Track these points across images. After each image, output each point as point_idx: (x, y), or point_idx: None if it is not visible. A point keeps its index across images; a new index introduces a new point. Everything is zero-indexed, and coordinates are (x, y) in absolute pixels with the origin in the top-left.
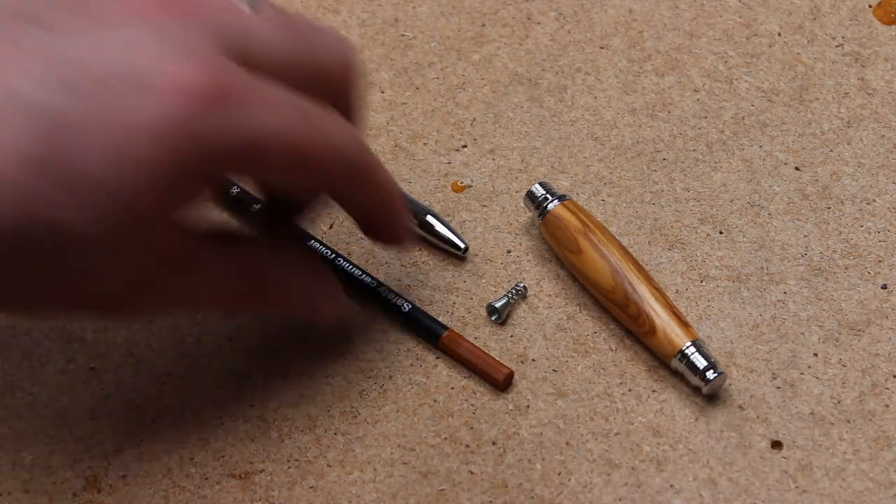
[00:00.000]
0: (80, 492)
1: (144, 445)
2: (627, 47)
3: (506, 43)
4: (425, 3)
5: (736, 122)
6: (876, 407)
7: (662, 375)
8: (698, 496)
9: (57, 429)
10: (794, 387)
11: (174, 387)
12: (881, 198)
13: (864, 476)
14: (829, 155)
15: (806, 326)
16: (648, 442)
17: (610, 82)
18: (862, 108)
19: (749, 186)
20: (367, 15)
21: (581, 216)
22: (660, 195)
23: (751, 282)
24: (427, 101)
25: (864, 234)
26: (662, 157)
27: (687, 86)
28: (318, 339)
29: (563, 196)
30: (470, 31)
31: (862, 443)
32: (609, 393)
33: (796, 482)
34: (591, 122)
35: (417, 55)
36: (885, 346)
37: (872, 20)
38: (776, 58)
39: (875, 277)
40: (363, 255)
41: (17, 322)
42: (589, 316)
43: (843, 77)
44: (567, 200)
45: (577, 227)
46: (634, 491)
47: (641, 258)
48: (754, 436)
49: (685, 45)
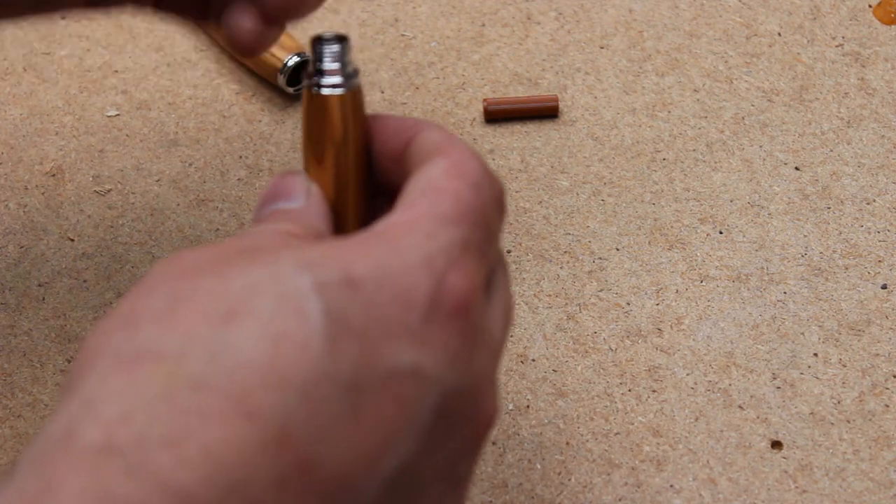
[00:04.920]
0: None
1: None
2: (627, 47)
3: (506, 43)
4: (425, 3)
5: (736, 122)
6: (876, 407)
7: (662, 375)
8: (698, 496)
9: None
10: (794, 387)
11: None
12: (881, 198)
13: (864, 476)
14: (829, 155)
15: (806, 326)
16: (648, 442)
17: (610, 82)
18: (862, 108)
19: (749, 186)
20: (367, 15)
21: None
22: (660, 195)
23: (751, 282)
24: (427, 101)
25: (864, 234)
26: (662, 157)
27: (687, 86)
28: None
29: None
30: (470, 31)
31: (862, 443)
32: (609, 393)
33: (796, 482)
34: (591, 122)
35: (417, 55)
36: (885, 346)
37: (872, 20)
38: (776, 58)
39: (875, 277)
40: None
41: (16, 322)
42: (589, 316)
43: (843, 77)
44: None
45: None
46: (634, 491)
47: (641, 258)
48: (754, 436)
49: (685, 45)
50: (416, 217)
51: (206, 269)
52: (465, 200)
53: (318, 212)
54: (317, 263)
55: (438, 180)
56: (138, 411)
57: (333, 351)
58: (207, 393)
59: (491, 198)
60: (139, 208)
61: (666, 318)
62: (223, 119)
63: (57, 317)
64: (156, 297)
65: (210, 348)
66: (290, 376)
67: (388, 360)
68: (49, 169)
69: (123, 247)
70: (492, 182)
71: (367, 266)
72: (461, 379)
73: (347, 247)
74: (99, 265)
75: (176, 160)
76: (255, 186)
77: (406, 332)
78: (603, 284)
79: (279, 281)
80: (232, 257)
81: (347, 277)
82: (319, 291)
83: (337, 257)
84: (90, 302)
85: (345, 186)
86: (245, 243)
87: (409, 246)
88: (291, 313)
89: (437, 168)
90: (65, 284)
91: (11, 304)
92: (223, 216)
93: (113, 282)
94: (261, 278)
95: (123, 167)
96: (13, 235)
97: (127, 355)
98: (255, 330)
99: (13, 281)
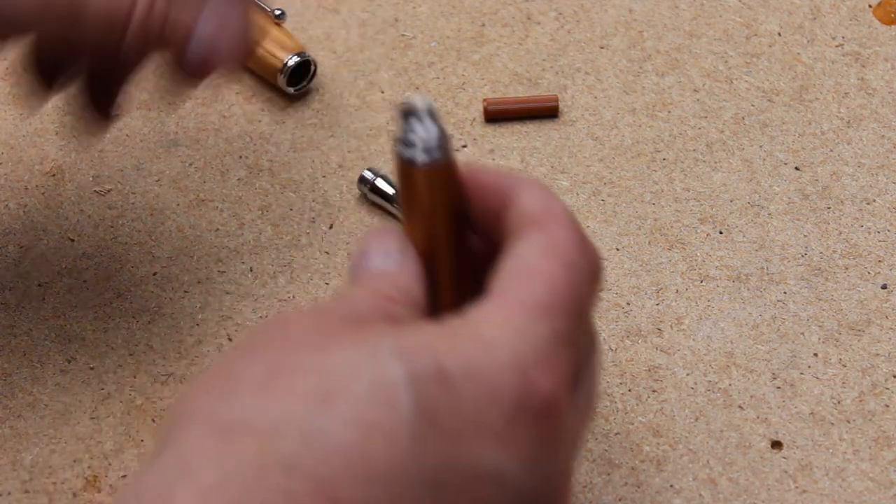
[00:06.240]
0: (80, 492)
1: (144, 445)
2: (627, 47)
3: (506, 43)
4: (425, 3)
5: (736, 122)
6: (876, 407)
7: (662, 375)
8: (698, 496)
9: (57, 429)
10: (794, 387)
11: (174, 387)
12: (881, 198)
13: (864, 476)
14: (829, 155)
15: (806, 326)
16: (648, 442)
17: (610, 82)
18: (862, 108)
19: (749, 186)
20: (367, 15)
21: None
22: (660, 195)
23: (751, 282)
24: None
25: (864, 234)
26: (662, 157)
27: (687, 86)
28: None
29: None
30: (470, 31)
31: (862, 443)
32: (609, 393)
33: (796, 482)
34: (591, 122)
35: (417, 55)
36: (885, 346)
37: (872, 20)
38: (776, 58)
39: (875, 277)
40: None
41: (16, 322)
42: None
43: (843, 77)
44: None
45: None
46: (634, 491)
47: (641, 258)
48: (754, 436)
49: (685, 45)
50: (508, 309)
51: (308, 342)
52: (559, 287)
53: (413, 274)
54: (412, 352)
55: (532, 262)
56: (232, 483)
57: (420, 446)
58: (297, 475)
59: (586, 276)
60: (139, 208)
61: (666, 318)
62: (223, 119)
63: (57, 317)
64: (256, 364)
65: (304, 429)
66: (377, 468)
67: (471, 459)
68: (49, 169)
69: (123, 247)
70: (588, 256)
71: (459, 361)
72: (540, 483)
73: (442, 336)
74: (99, 265)
75: (176, 160)
76: (255, 186)
77: (491, 432)
78: (603, 284)
79: (375, 365)
80: (333, 328)
81: (439, 371)
82: (412, 383)
83: (431, 347)
84: (90, 302)
85: (438, 248)
86: (346, 309)
87: (500, 343)
88: (384, 403)
89: (531, 246)
90: (65, 284)
91: (11, 304)
92: (223, 216)
93: (113, 282)
94: (358, 361)
95: (123, 167)
96: (13, 235)
97: (224, 423)
98: (348, 416)
99: (13, 281)
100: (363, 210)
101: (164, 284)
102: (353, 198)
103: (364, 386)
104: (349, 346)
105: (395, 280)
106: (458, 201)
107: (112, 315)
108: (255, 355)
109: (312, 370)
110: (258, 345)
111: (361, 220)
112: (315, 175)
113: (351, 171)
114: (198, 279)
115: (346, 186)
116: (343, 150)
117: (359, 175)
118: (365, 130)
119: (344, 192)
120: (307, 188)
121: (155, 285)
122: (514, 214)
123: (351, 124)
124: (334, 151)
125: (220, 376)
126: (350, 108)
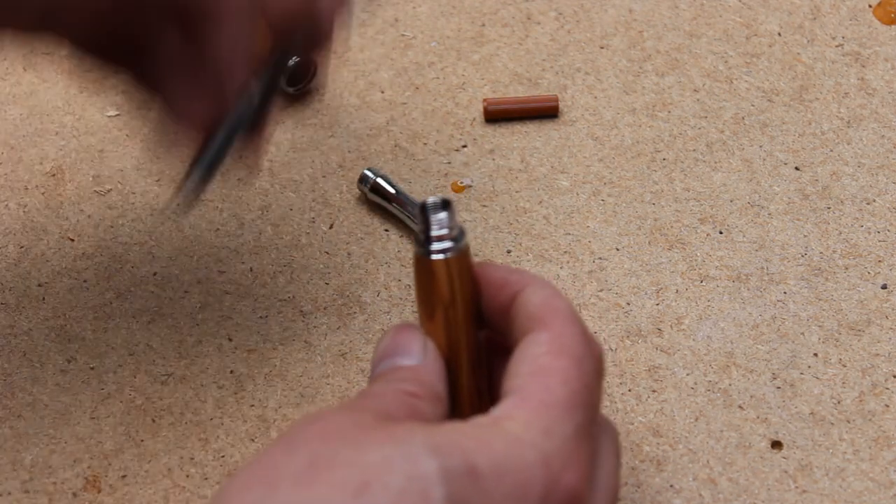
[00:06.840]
0: (80, 492)
1: (144, 445)
2: (627, 47)
3: (506, 43)
4: (425, 3)
5: (736, 122)
6: (876, 407)
7: (662, 375)
8: (698, 496)
9: (57, 429)
10: (794, 387)
11: (174, 387)
12: (881, 198)
13: (864, 476)
14: (829, 155)
15: (806, 326)
16: (648, 442)
17: (610, 82)
18: (862, 108)
19: (749, 186)
20: (367, 15)
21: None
22: (660, 195)
23: (751, 282)
24: (427, 101)
25: (864, 234)
26: (662, 157)
27: (687, 86)
28: (318, 339)
29: (459, 237)
30: (470, 31)
31: (862, 443)
32: (609, 393)
33: (796, 482)
34: (591, 122)
35: (417, 55)
36: (885, 346)
37: (872, 20)
38: (776, 58)
39: (875, 277)
40: (363, 254)
41: (16, 322)
42: (588, 316)
43: (843, 77)
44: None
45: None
46: (634, 491)
47: (641, 258)
48: (754, 436)
49: (685, 45)
50: (531, 408)
51: (346, 437)
52: (573, 384)
53: (435, 369)
54: (444, 449)
55: (544, 361)
56: None
57: None
58: None
59: (593, 369)
60: (139, 208)
61: (666, 318)
62: None
63: (57, 317)
64: (297, 458)
65: None
66: None
67: None
68: (49, 169)
69: (123, 247)
70: (592, 351)
71: (488, 458)
72: None
73: (471, 434)
74: (99, 265)
75: (176, 160)
76: (255, 186)
77: None
78: (603, 284)
79: (410, 460)
80: (369, 425)
81: (470, 467)
82: (445, 478)
83: (462, 444)
84: (90, 302)
85: (457, 341)
86: (377, 406)
87: (526, 441)
88: (418, 495)
89: (540, 346)
90: (65, 284)
91: (11, 304)
92: (223, 216)
93: (113, 282)
94: (393, 455)
95: (123, 167)
96: (13, 235)
97: None
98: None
99: (13, 281)
100: (363, 210)
101: (164, 284)
102: (353, 198)
103: (399, 479)
104: (384, 442)
105: (418, 376)
106: (474, 295)
107: (112, 315)
108: (295, 449)
109: (350, 463)
110: (297, 439)
111: (361, 219)
112: (315, 175)
113: (351, 171)
114: (198, 279)
115: (346, 186)
116: (343, 150)
117: (359, 175)
118: (365, 130)
119: (344, 192)
120: (307, 188)
121: (155, 285)
122: (520, 309)
123: (351, 124)
124: (334, 151)
125: (261, 470)
126: (350, 108)
